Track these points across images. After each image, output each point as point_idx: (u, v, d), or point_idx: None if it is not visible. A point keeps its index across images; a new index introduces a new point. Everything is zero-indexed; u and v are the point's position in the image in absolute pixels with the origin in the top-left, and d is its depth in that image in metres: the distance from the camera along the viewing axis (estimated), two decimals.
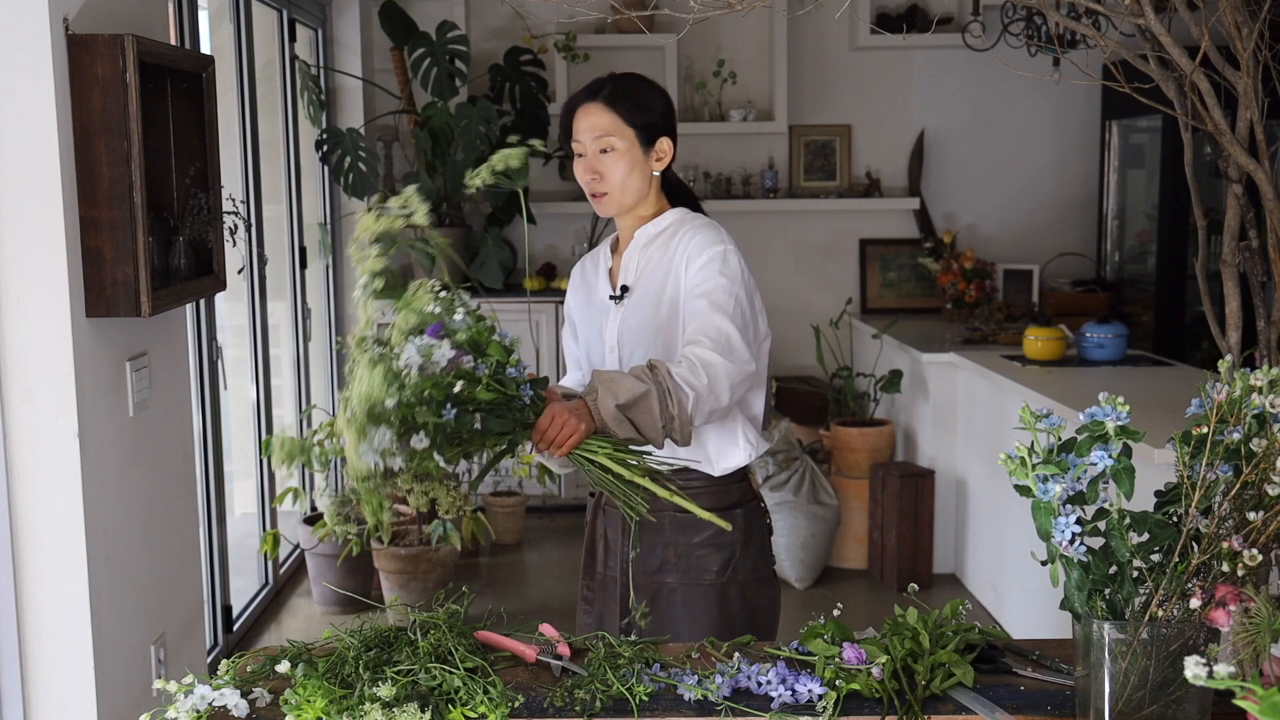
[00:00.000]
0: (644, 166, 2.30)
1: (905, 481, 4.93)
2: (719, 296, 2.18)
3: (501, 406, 1.86)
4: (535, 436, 1.92)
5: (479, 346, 1.84)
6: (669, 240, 2.31)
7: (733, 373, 2.10)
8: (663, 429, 2.01)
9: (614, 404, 1.98)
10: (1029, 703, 1.67)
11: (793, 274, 6.36)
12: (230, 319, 4.84)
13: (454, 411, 1.79)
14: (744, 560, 2.32)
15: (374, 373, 1.74)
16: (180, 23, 3.91)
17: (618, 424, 1.98)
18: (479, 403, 1.83)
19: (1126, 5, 2.47)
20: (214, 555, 4.17)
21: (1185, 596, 1.47)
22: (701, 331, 2.14)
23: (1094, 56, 4.84)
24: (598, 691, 1.67)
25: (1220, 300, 2.76)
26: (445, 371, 1.78)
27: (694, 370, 2.06)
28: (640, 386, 1.99)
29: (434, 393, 1.77)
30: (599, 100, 2.28)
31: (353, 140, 5.50)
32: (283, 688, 1.66)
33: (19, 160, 2.48)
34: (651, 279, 2.30)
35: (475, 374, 1.82)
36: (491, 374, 1.84)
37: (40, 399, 2.56)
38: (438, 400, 1.77)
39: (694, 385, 2.03)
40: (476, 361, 1.83)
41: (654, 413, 2.00)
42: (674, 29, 5.81)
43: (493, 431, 1.86)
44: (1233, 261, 2.68)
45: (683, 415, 2.02)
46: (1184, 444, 1.52)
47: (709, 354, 2.09)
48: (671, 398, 2.01)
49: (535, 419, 1.92)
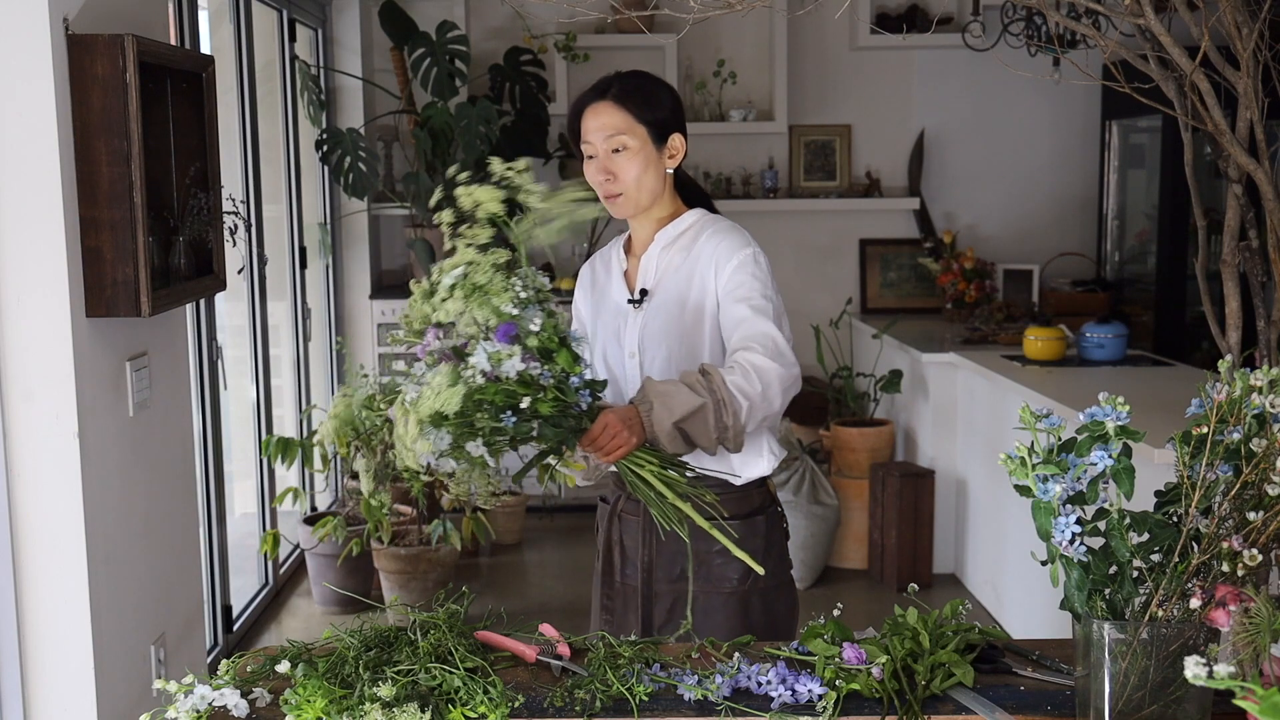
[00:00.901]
0: (658, 164, 2.26)
1: (905, 481, 4.93)
2: (758, 301, 2.17)
3: (559, 415, 1.84)
4: (585, 442, 1.90)
5: (548, 353, 1.81)
6: (691, 243, 2.28)
7: (784, 377, 2.08)
8: (716, 439, 2.00)
9: (671, 422, 1.96)
10: (1029, 703, 1.67)
11: (793, 274, 6.35)
12: (230, 319, 4.84)
13: (514, 419, 1.77)
14: (765, 567, 2.31)
15: (450, 384, 1.71)
16: (180, 23, 3.91)
17: (671, 440, 1.96)
18: (539, 413, 1.81)
19: (1126, 5, 2.47)
20: (214, 555, 4.17)
21: (1185, 596, 1.47)
22: (749, 337, 2.12)
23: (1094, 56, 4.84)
24: (598, 691, 1.67)
25: (1220, 300, 2.76)
26: (512, 381, 1.76)
27: (748, 377, 2.03)
28: (695, 400, 1.96)
29: (497, 399, 1.76)
30: (608, 99, 2.24)
31: (353, 140, 5.50)
32: (283, 688, 1.66)
33: (19, 160, 2.48)
34: (674, 282, 2.26)
35: (540, 381, 1.80)
36: (555, 384, 1.82)
37: (40, 399, 2.56)
38: (498, 407, 1.76)
39: (748, 393, 2.01)
40: (543, 368, 1.80)
41: (709, 424, 1.98)
42: (674, 29, 5.81)
43: (547, 439, 1.84)
44: (1233, 261, 2.68)
45: (736, 425, 2.00)
46: (1184, 444, 1.52)
47: (762, 359, 2.06)
48: (727, 408, 1.99)
49: (589, 425, 1.90)
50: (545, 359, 1.81)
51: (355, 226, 6.01)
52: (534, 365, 1.79)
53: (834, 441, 5.39)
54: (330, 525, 4.49)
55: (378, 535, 4.53)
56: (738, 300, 2.18)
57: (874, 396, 5.61)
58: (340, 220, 5.96)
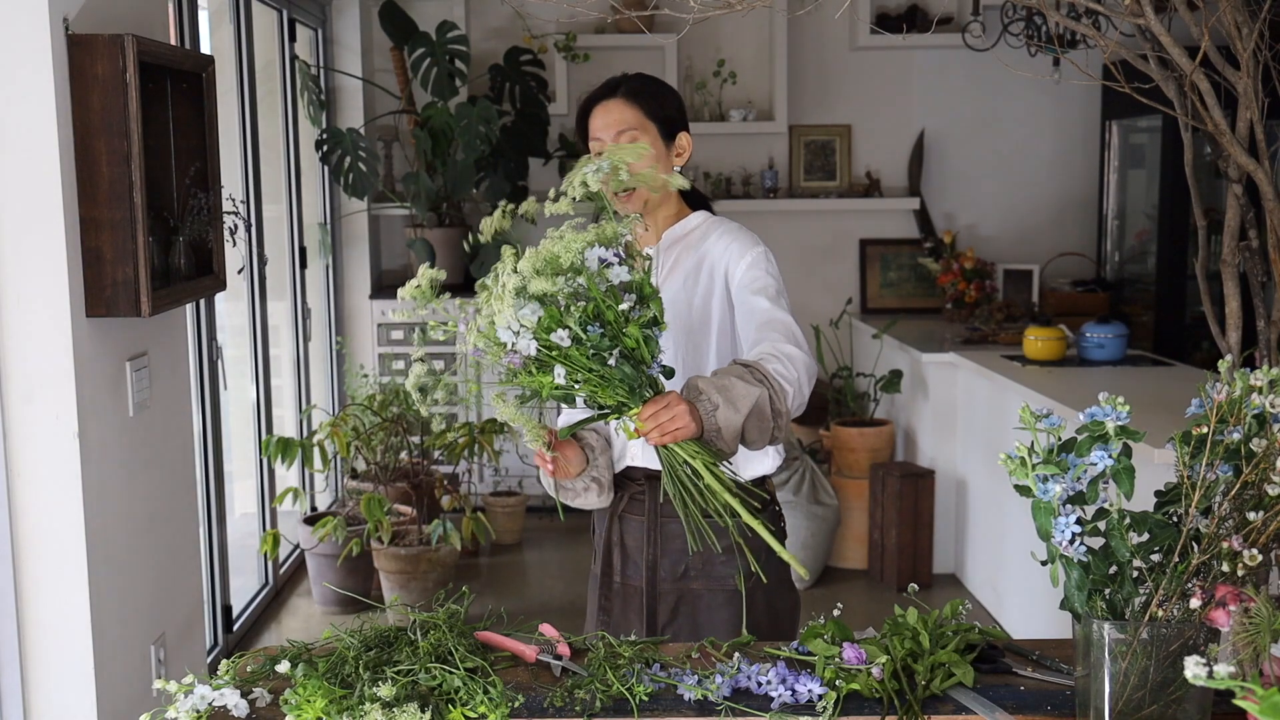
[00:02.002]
0: (667, 161, 2.29)
1: (905, 481, 4.93)
2: (774, 295, 2.19)
3: (635, 361, 1.83)
4: (647, 412, 1.84)
5: (643, 296, 1.83)
6: (699, 241, 2.30)
7: (809, 364, 2.08)
8: (771, 430, 1.97)
9: (738, 421, 1.91)
10: (1029, 703, 1.67)
11: (793, 274, 6.31)
12: (230, 319, 4.84)
13: (599, 330, 1.77)
14: (768, 566, 2.32)
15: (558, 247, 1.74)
16: (180, 23, 3.91)
17: (733, 438, 1.92)
18: (621, 344, 1.80)
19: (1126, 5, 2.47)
20: (214, 555, 4.17)
21: (1185, 596, 1.47)
22: (770, 325, 2.13)
23: (1094, 56, 4.84)
24: (598, 691, 1.67)
25: (1220, 300, 2.76)
26: (614, 289, 1.78)
27: (785, 364, 2.02)
28: (754, 391, 1.93)
29: (597, 298, 1.76)
30: (619, 96, 2.27)
31: (353, 140, 5.50)
32: (283, 688, 1.66)
33: (19, 160, 2.48)
34: (682, 281, 2.28)
35: (632, 315, 1.80)
36: (645, 323, 1.82)
37: (40, 399, 2.56)
38: (589, 312, 1.76)
39: (790, 380, 2.00)
40: (638, 306, 1.81)
41: (766, 415, 1.95)
42: (674, 29, 5.81)
43: (616, 380, 1.81)
44: (1233, 261, 2.68)
45: (786, 413, 1.98)
46: (1184, 444, 1.52)
47: (791, 348, 2.06)
48: (779, 396, 1.96)
49: (661, 389, 1.88)
50: (641, 300, 1.82)
51: (355, 226, 6.01)
52: (631, 297, 1.80)
53: (834, 441, 5.39)
54: (330, 525, 4.49)
55: (378, 535, 4.53)
56: (755, 293, 2.20)
57: (874, 396, 5.61)
58: (340, 220, 5.96)
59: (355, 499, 4.84)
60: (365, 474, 4.96)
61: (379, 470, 4.84)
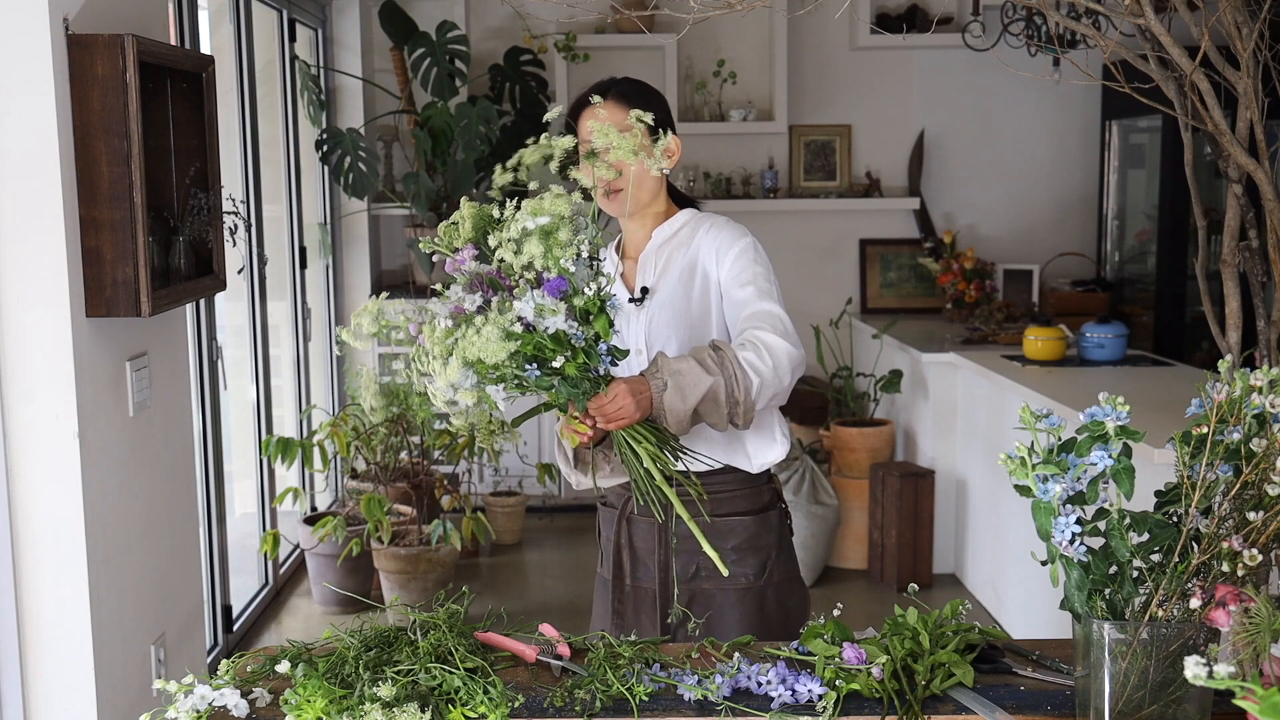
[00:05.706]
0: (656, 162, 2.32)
1: (905, 481, 4.93)
2: (763, 284, 2.23)
3: (578, 377, 1.88)
4: (593, 406, 1.94)
5: (587, 316, 1.86)
6: (690, 237, 2.33)
7: (793, 355, 2.12)
8: (728, 416, 2.04)
9: (685, 409, 2.00)
10: (1029, 703, 1.67)
11: (793, 274, 6.35)
12: (230, 319, 4.84)
13: (537, 374, 1.82)
14: (778, 563, 2.34)
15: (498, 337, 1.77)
16: (180, 23, 3.91)
17: (680, 423, 2.00)
18: (563, 372, 1.85)
19: (1126, 5, 2.47)
20: (214, 555, 4.17)
21: (1185, 596, 1.47)
22: (757, 316, 2.18)
23: (1094, 56, 4.84)
24: (598, 691, 1.67)
25: (1220, 300, 2.76)
26: (546, 336, 1.82)
27: (759, 353, 2.08)
28: (708, 379, 2.01)
29: (526, 349, 1.80)
30: (610, 98, 2.30)
31: (353, 140, 5.50)
32: (283, 688, 1.66)
33: (19, 160, 2.48)
34: (676, 277, 2.31)
35: (572, 342, 1.84)
36: (584, 347, 1.86)
37: (40, 399, 2.56)
38: (526, 357, 1.81)
39: (760, 369, 2.06)
40: (578, 329, 1.85)
41: (720, 402, 2.02)
42: (674, 29, 5.81)
43: (560, 396, 1.89)
44: (1233, 261, 2.68)
45: (747, 401, 2.04)
46: (1184, 444, 1.52)
47: (771, 337, 2.11)
48: (738, 384, 2.03)
49: (603, 390, 1.94)
50: (583, 321, 1.86)
51: (355, 226, 6.01)
52: (572, 325, 1.84)
53: (834, 441, 5.39)
54: (330, 525, 4.49)
55: (378, 535, 4.53)
56: (742, 285, 2.24)
57: (874, 396, 5.61)
58: (340, 220, 5.96)
59: (355, 499, 4.84)
60: (365, 474, 4.96)
61: (379, 470, 4.84)
